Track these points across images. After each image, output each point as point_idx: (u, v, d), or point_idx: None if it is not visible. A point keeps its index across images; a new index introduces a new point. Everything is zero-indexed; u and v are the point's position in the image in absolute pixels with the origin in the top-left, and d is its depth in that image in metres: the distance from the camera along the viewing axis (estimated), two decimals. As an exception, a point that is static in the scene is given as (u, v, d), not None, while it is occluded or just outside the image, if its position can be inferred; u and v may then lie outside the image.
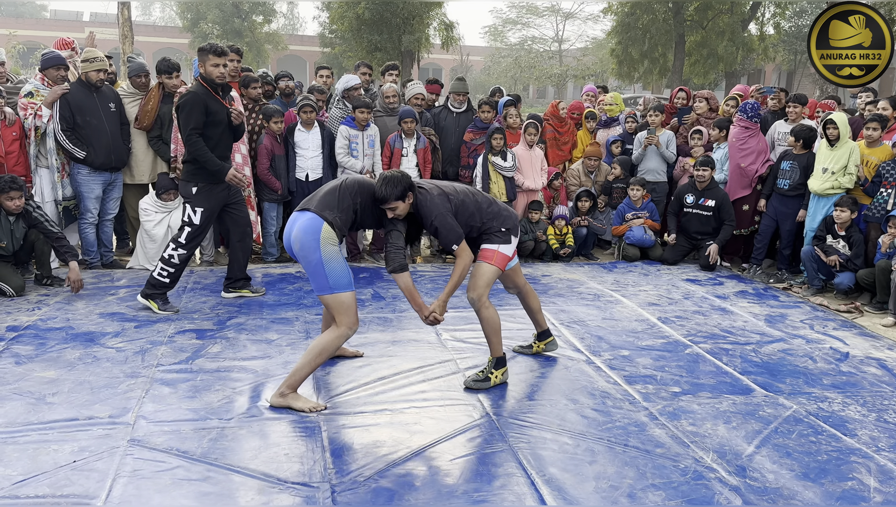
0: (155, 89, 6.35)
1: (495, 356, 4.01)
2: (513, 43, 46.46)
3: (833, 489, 3.05)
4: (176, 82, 6.35)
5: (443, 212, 3.68)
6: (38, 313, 5.04)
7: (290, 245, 3.65)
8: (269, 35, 37.62)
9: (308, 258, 3.54)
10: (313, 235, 3.52)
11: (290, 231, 3.63)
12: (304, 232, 3.54)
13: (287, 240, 3.68)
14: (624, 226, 7.34)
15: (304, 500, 2.84)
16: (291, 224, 3.65)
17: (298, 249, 3.56)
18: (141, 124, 6.31)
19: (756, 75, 34.39)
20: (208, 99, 4.93)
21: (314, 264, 3.53)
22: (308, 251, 3.53)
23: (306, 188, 6.51)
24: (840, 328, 5.30)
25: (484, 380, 3.96)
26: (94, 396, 3.71)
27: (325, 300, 3.63)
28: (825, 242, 6.13)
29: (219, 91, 5.01)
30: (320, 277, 3.56)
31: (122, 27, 15.90)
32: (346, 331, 3.63)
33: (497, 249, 3.91)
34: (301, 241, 3.54)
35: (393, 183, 3.56)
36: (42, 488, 2.85)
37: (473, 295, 3.92)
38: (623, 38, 27.25)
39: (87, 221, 6.14)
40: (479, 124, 7.01)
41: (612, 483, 3.03)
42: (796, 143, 6.50)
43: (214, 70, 4.90)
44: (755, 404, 3.87)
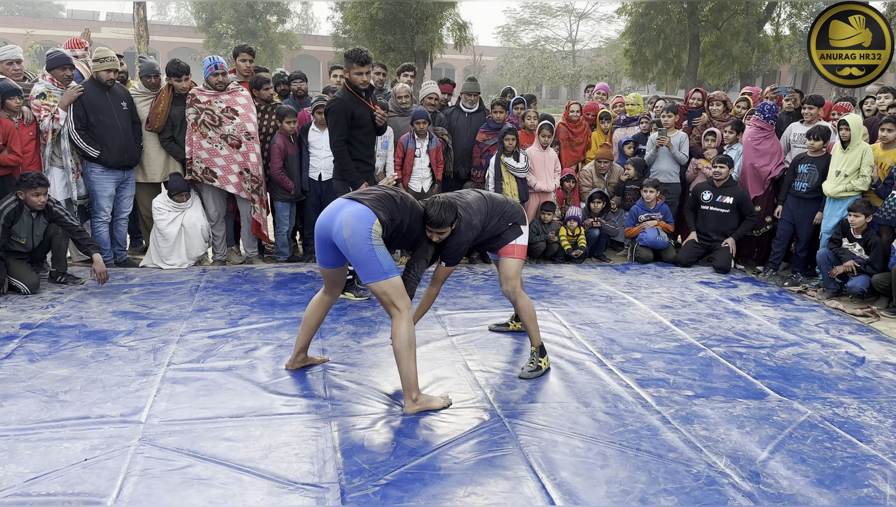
0: (165, 91, 6.37)
1: (537, 345, 4.24)
2: (526, 43, 46.40)
3: (848, 496, 3.01)
4: (186, 85, 6.37)
5: (468, 240, 3.90)
6: (51, 310, 5.07)
7: (332, 229, 3.53)
8: (283, 35, 37.78)
9: (358, 246, 3.45)
10: (366, 223, 3.45)
11: (335, 216, 3.53)
12: (356, 219, 3.46)
13: (328, 224, 3.57)
14: (637, 227, 7.30)
15: (314, 501, 2.83)
16: (337, 209, 3.56)
17: (349, 235, 3.45)
18: (152, 127, 6.34)
19: (771, 76, 34.16)
20: (353, 105, 5.13)
21: (365, 252, 3.45)
22: (359, 239, 3.45)
23: (319, 188, 6.52)
24: (856, 333, 5.24)
25: (536, 369, 4.18)
26: (106, 394, 3.72)
27: (380, 287, 3.51)
28: (841, 245, 6.06)
29: (363, 94, 5.18)
30: (373, 263, 3.47)
31: (138, 27, 16.02)
32: (408, 313, 3.56)
33: (514, 243, 4.15)
34: (353, 227, 3.44)
35: (450, 209, 3.66)
36: (53, 485, 2.86)
37: (507, 288, 4.17)
38: (637, 39, 27.12)
39: (100, 220, 6.18)
40: (492, 125, 6.99)
41: (624, 488, 3.00)
42: (815, 143, 6.44)
43: (357, 77, 5.08)
44: (769, 409, 3.83)
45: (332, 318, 5.07)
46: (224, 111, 6.18)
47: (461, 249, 3.89)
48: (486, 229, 4.02)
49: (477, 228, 3.92)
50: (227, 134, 6.17)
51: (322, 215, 3.64)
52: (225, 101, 6.22)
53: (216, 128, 6.16)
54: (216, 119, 6.15)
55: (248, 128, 6.25)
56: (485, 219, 3.99)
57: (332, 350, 4.46)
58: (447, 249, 3.87)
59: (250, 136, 6.26)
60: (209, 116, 6.15)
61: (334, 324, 4.95)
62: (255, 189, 6.32)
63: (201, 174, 6.23)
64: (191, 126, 6.19)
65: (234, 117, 6.20)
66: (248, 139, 6.25)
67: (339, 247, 3.55)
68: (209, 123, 6.15)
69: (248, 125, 6.26)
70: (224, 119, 6.17)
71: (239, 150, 6.23)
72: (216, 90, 6.22)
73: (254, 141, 6.29)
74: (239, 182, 6.28)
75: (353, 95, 5.14)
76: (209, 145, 6.19)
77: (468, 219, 3.85)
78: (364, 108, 5.18)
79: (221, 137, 6.17)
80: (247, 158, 6.26)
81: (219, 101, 6.20)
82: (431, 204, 3.66)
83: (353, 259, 3.51)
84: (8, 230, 5.31)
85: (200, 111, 6.16)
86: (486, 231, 4.03)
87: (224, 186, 6.27)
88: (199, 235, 6.39)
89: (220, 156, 6.22)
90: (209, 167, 6.22)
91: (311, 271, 6.38)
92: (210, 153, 6.20)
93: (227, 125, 6.17)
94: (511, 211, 4.15)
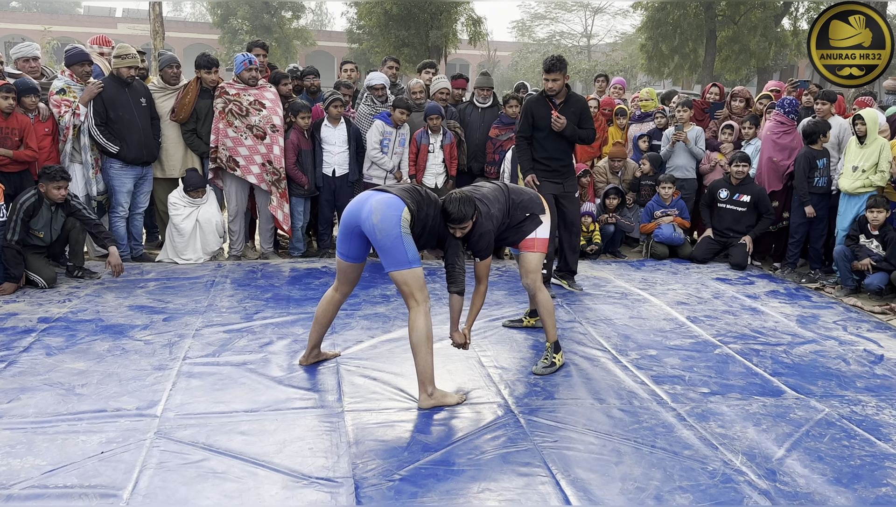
0: (193, 83, 6.42)
1: (552, 342, 4.23)
2: (541, 38, 46.16)
3: (866, 495, 2.98)
4: (214, 77, 6.43)
5: (490, 230, 3.86)
6: (68, 304, 5.11)
7: (361, 215, 3.57)
8: (298, 31, 37.82)
9: (387, 232, 3.48)
10: (396, 210, 3.50)
11: (364, 203, 3.58)
12: (386, 206, 3.50)
13: (356, 211, 3.61)
14: (653, 223, 7.25)
15: (329, 495, 2.84)
16: (366, 198, 3.61)
17: (378, 221, 3.48)
18: (177, 117, 6.38)
19: (789, 71, 33.79)
20: (538, 106, 5.56)
21: (393, 238, 3.49)
22: (389, 225, 3.48)
23: (333, 184, 6.53)
24: (874, 330, 5.18)
25: (550, 365, 4.19)
26: (122, 388, 3.75)
27: (402, 276, 3.55)
28: (858, 241, 5.99)
29: (551, 99, 5.54)
30: (399, 251, 3.50)
31: (154, 23, 16.09)
32: (426, 306, 3.60)
33: (534, 236, 4.13)
34: (383, 213, 3.48)
35: (468, 203, 3.68)
36: (70, 478, 2.88)
37: (527, 280, 4.20)
38: (653, 34, 26.90)
39: (118, 215, 6.23)
40: (505, 120, 6.95)
41: (639, 485, 2.98)
42: (804, 139, 6.41)
43: (545, 83, 5.49)
44: (786, 407, 3.79)
45: (346, 313, 5.08)
46: (252, 103, 6.25)
47: (488, 241, 3.87)
48: (507, 220, 4.02)
49: (497, 217, 3.91)
50: (252, 125, 6.22)
51: (351, 204, 3.68)
52: (254, 94, 6.30)
53: (243, 118, 6.22)
54: (244, 109, 6.22)
55: (273, 120, 6.30)
56: (503, 208, 3.98)
57: (346, 345, 4.46)
58: (474, 244, 3.86)
59: (276, 128, 6.30)
60: (237, 105, 6.22)
61: (348, 319, 4.96)
62: (275, 181, 6.35)
63: (226, 161, 6.27)
64: (218, 114, 6.25)
65: (262, 109, 6.27)
66: (273, 132, 6.29)
67: (367, 233, 3.57)
68: (236, 113, 6.21)
69: (275, 118, 6.31)
70: (251, 110, 6.24)
71: (263, 141, 6.27)
72: (247, 84, 6.28)
73: (278, 134, 6.33)
74: (261, 173, 6.32)
75: (541, 97, 5.59)
76: (234, 134, 6.24)
77: (486, 210, 3.84)
78: (547, 111, 5.51)
79: (247, 127, 6.22)
80: (270, 151, 6.29)
81: (247, 94, 6.27)
82: (449, 200, 3.67)
83: (379, 245, 3.53)
84: (27, 224, 5.36)
85: (228, 101, 6.23)
86: (507, 222, 4.03)
87: (245, 176, 6.31)
88: (214, 230, 6.42)
89: (244, 146, 6.26)
90: (232, 156, 6.27)
91: (326, 266, 6.39)
92: (235, 142, 6.25)
93: (254, 116, 6.24)
94: (529, 201, 4.11)
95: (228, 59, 26.93)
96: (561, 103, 5.54)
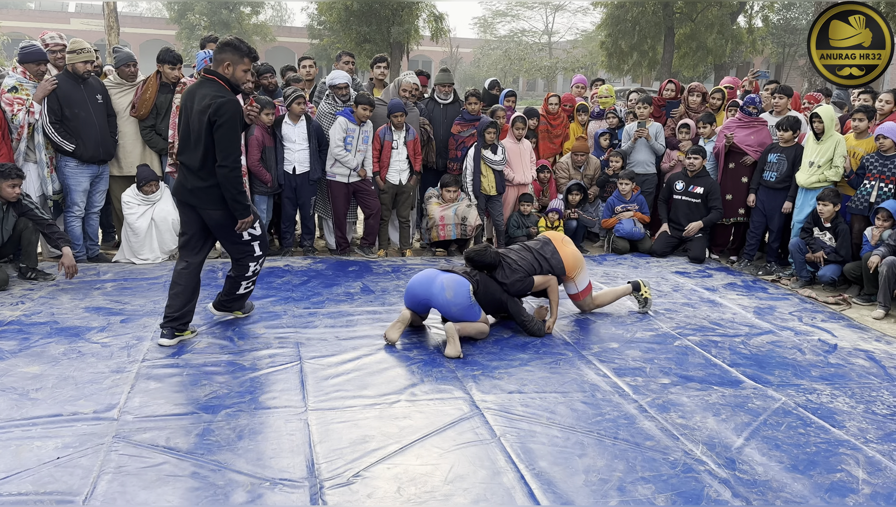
0: (153, 78, 6.29)
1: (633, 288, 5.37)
2: (502, 35, 46.38)
3: (822, 480, 3.06)
4: (177, 73, 6.30)
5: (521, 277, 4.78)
6: (21, 307, 4.97)
7: (432, 291, 4.52)
8: (257, 26, 37.37)
9: (461, 304, 4.51)
10: (465, 287, 4.53)
11: (434, 281, 4.55)
12: (457, 285, 4.53)
13: (427, 286, 4.55)
14: (613, 219, 7.33)
15: (292, 495, 2.81)
16: (434, 276, 4.59)
17: (452, 297, 4.48)
18: (137, 112, 6.25)
19: (745, 68, 34.42)
20: None
21: (466, 307, 4.52)
22: (462, 299, 4.51)
23: (293, 181, 6.46)
24: (828, 320, 5.31)
25: (645, 302, 5.32)
26: (79, 391, 3.66)
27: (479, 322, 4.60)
28: (812, 234, 6.14)
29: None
30: (473, 314, 4.56)
31: (108, 18, 15.74)
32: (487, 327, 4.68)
33: (583, 288, 5.17)
34: (455, 291, 4.50)
35: (491, 255, 4.69)
36: (25, 485, 2.81)
37: (587, 308, 5.29)
38: (613, 31, 27.24)
39: (73, 215, 6.07)
40: (467, 116, 6.96)
41: (602, 476, 3.02)
42: (784, 133, 6.51)
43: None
44: (744, 397, 3.87)
45: (310, 312, 5.04)
46: None
47: (523, 283, 4.76)
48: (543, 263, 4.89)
49: (524, 267, 4.80)
50: None
51: (418, 278, 4.62)
52: None
53: None
54: None
55: None
56: (531, 256, 4.89)
57: (310, 344, 4.43)
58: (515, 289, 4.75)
59: None
60: None
61: (312, 318, 4.92)
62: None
63: None
64: (176, 108, 6.12)
65: None
66: None
67: (439, 306, 4.56)
68: None
69: None
70: None
71: None
72: None
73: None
74: None
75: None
76: None
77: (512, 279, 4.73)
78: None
79: None
80: None
81: None
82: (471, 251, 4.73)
83: (453, 315, 4.53)
84: (-25, 226, 5.20)
85: None
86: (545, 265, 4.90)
87: None
88: (171, 228, 6.29)
89: None
90: None
91: (288, 264, 6.33)
92: None
93: None
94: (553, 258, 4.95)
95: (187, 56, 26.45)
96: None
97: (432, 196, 6.92)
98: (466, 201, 6.79)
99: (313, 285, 5.73)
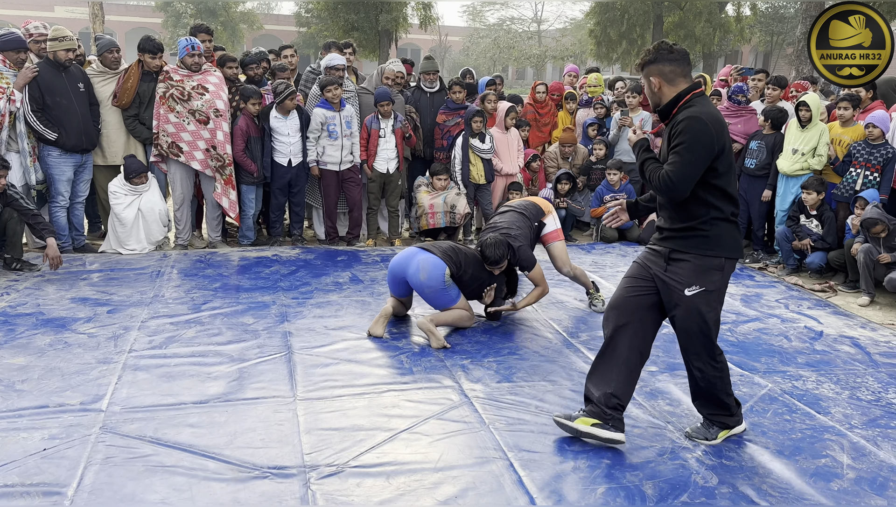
0: (134, 67, 6.23)
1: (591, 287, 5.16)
2: (491, 23, 46.19)
3: (807, 466, 3.09)
4: (158, 62, 6.24)
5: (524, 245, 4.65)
6: (6, 298, 4.93)
7: (408, 271, 4.41)
8: (244, 14, 37.06)
9: (434, 287, 4.39)
10: (440, 270, 4.37)
11: (411, 260, 4.43)
12: (432, 267, 4.37)
13: (404, 266, 4.44)
14: (602, 208, 7.34)
15: (281, 486, 2.81)
16: (412, 255, 4.46)
17: (425, 279, 4.36)
18: (119, 102, 6.18)
19: (733, 56, 34.55)
20: None
21: (439, 291, 4.42)
22: (435, 283, 4.38)
23: (289, 173, 6.41)
24: (814, 308, 5.35)
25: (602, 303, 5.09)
26: (65, 382, 3.64)
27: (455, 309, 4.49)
28: (798, 222, 6.18)
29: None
30: (447, 299, 4.46)
31: (93, 6, 15.52)
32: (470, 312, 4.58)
33: (554, 229, 4.94)
34: (429, 273, 4.36)
35: (502, 245, 4.45)
36: (11, 476, 2.79)
37: (566, 270, 4.99)
38: (601, 19, 27.23)
39: (58, 205, 6.01)
40: (452, 105, 6.93)
41: (591, 463, 3.03)
42: (765, 123, 6.54)
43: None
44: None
45: (298, 301, 5.02)
46: (195, 88, 6.11)
47: (527, 255, 4.62)
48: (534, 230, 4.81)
49: (526, 235, 4.67)
50: (195, 109, 6.08)
51: (398, 258, 4.52)
52: (197, 80, 6.15)
53: (184, 102, 6.07)
54: (185, 94, 6.07)
55: (217, 105, 6.16)
56: (528, 223, 4.76)
57: (299, 333, 4.42)
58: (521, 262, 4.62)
59: (219, 113, 6.16)
60: (178, 90, 6.07)
61: (300, 308, 4.91)
62: (219, 167, 6.21)
63: (167, 148, 6.12)
64: (159, 98, 6.09)
65: (204, 94, 6.13)
66: (217, 116, 6.15)
67: (414, 286, 4.47)
68: (177, 98, 6.07)
69: (218, 102, 6.17)
70: (194, 94, 6.10)
71: (206, 126, 6.13)
72: (191, 70, 6.12)
73: (222, 119, 6.18)
74: (205, 159, 6.18)
75: None
76: (176, 120, 6.09)
77: (518, 245, 4.57)
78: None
79: (189, 113, 6.08)
80: (214, 136, 6.15)
81: (191, 80, 6.13)
82: (486, 246, 4.43)
83: (427, 297, 4.49)
84: (-41, 216, 5.14)
85: (171, 86, 6.07)
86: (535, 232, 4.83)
87: (189, 162, 6.17)
88: (158, 218, 6.25)
89: (187, 131, 6.11)
90: (175, 142, 6.11)
91: (276, 254, 6.31)
92: (177, 127, 6.10)
93: (196, 100, 6.09)
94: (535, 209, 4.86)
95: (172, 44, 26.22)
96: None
97: (421, 184, 6.91)
98: (456, 190, 6.78)
99: (302, 274, 5.72)
